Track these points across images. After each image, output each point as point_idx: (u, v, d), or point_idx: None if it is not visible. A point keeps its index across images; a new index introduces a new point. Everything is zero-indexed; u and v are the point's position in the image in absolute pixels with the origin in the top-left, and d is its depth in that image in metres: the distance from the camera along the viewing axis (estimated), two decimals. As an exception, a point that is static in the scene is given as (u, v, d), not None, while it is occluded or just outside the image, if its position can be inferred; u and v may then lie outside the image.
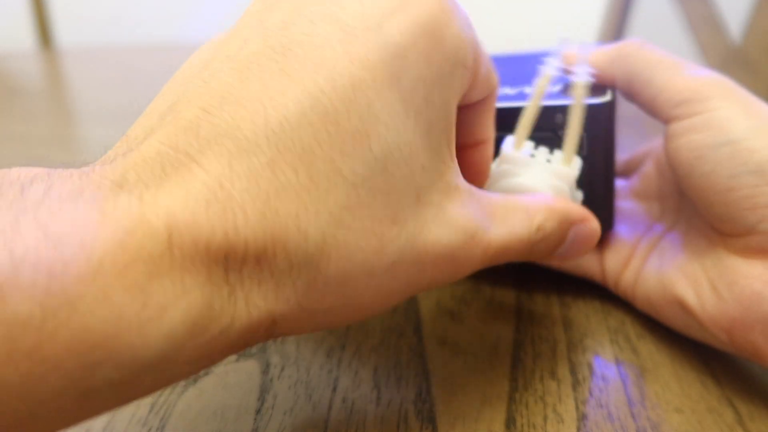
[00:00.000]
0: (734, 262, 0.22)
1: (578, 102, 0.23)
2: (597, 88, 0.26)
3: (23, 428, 0.12)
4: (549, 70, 0.24)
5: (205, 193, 0.14)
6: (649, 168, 0.28)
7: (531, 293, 0.28)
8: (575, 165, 0.23)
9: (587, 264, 0.28)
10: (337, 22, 0.16)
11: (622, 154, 0.31)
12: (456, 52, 0.17)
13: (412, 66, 0.16)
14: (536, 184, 0.22)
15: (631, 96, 0.25)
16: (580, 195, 0.25)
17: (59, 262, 0.12)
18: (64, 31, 1.33)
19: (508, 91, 0.27)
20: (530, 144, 0.24)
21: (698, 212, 0.24)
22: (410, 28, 0.16)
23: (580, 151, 0.25)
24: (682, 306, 0.23)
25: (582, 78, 0.23)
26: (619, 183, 0.30)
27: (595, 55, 0.26)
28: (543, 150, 0.23)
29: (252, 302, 0.14)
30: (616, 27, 0.82)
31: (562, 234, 0.20)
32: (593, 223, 0.21)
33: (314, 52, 0.15)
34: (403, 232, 0.16)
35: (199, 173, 0.14)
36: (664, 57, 0.24)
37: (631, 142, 0.36)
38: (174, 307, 0.13)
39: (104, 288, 0.12)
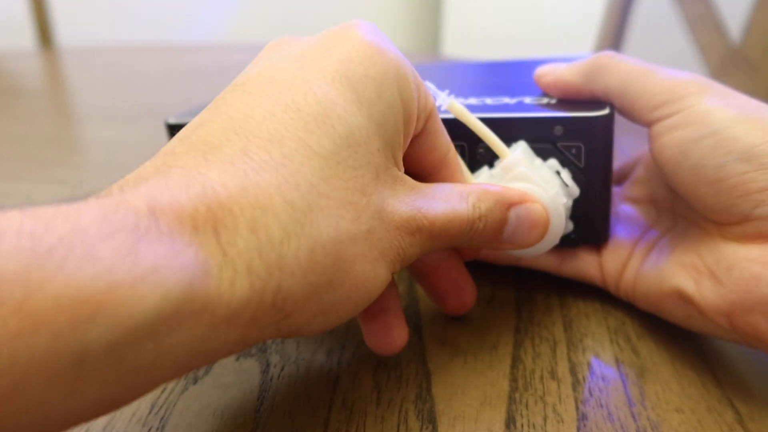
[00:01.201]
0: (731, 247, 0.22)
1: None
2: (595, 102, 0.26)
3: (15, 399, 0.12)
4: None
5: (184, 180, 0.15)
6: (640, 173, 0.29)
7: (531, 293, 0.28)
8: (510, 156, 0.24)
9: (587, 269, 0.28)
10: (290, 54, 0.20)
11: (619, 161, 0.31)
12: (397, 60, 0.20)
13: (358, 65, 0.19)
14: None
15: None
16: (575, 191, 0.25)
17: (42, 227, 0.12)
18: (64, 31, 1.33)
19: (507, 100, 0.27)
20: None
21: (691, 208, 0.24)
22: (351, 42, 0.19)
23: (578, 163, 0.25)
24: (681, 296, 0.23)
25: None
26: (613, 190, 0.30)
27: (568, 72, 0.26)
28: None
29: (255, 272, 0.15)
30: (616, 27, 0.82)
31: (500, 215, 0.21)
32: (535, 206, 0.22)
33: (269, 73, 0.19)
34: (371, 203, 0.18)
35: (177, 170, 0.15)
36: (637, 64, 0.24)
37: (630, 150, 0.36)
38: (167, 266, 0.13)
39: (91, 248, 0.12)
